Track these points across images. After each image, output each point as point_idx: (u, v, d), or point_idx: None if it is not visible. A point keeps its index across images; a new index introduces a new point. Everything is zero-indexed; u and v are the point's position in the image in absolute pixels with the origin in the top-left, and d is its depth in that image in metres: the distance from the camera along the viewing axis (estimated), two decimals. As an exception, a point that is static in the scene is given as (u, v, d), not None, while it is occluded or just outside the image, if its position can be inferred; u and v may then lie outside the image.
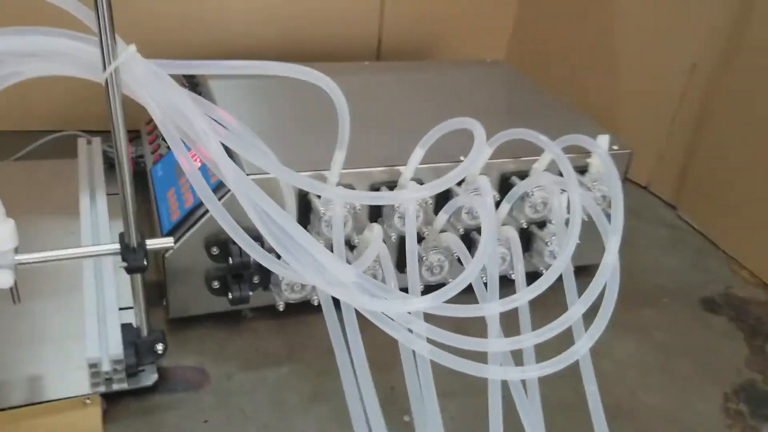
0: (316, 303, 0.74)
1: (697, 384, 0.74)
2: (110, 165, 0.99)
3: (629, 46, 1.18)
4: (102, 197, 0.87)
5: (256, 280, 0.73)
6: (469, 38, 1.37)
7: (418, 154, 0.71)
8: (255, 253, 0.58)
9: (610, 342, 0.67)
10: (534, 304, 0.63)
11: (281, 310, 0.73)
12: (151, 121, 0.96)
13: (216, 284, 0.72)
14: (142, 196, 0.96)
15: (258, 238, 0.58)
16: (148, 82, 0.54)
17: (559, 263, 0.63)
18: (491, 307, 0.61)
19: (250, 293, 0.72)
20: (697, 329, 0.84)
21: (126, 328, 0.66)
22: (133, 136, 1.08)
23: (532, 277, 0.66)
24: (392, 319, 0.58)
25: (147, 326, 0.65)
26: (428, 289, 0.62)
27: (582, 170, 0.82)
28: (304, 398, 0.67)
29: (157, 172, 0.83)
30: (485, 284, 0.64)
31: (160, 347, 0.66)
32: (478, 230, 0.81)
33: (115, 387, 0.64)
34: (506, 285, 0.66)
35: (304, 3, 1.21)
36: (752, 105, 0.97)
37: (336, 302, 0.60)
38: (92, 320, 0.67)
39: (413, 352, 0.59)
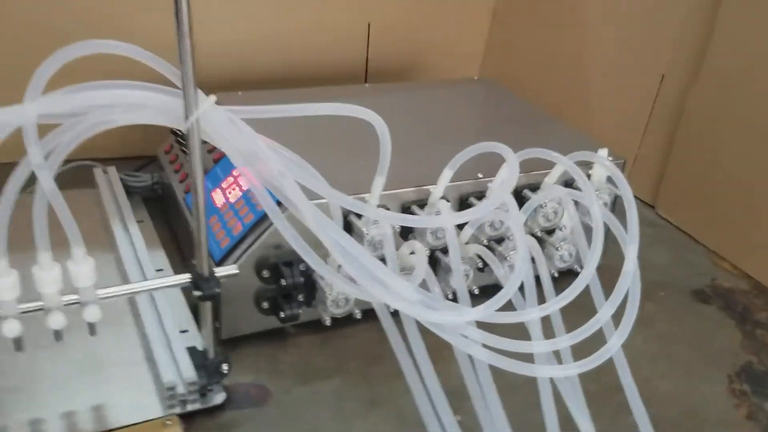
0: (359, 317, 0.79)
1: (702, 369, 0.83)
2: (127, 193, 1.03)
3: (601, 59, 1.28)
4: (134, 227, 0.91)
5: (301, 297, 0.78)
6: (446, 57, 1.45)
7: (446, 174, 0.78)
8: (322, 269, 0.63)
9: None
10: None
11: (328, 324, 0.78)
12: (171, 148, 1.00)
13: (266, 305, 0.77)
14: (161, 222, 1.00)
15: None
16: (224, 129, 0.59)
17: (587, 272, 0.70)
18: (532, 313, 0.68)
19: (300, 311, 0.77)
20: (693, 319, 0.93)
21: (192, 351, 0.71)
22: (146, 162, 1.12)
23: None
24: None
25: (213, 348, 0.70)
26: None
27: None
28: (361, 405, 0.73)
29: (193, 200, 0.87)
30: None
31: (225, 367, 0.70)
32: (496, 240, 0.88)
33: (189, 407, 0.68)
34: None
35: (296, 30, 1.26)
36: (721, 110, 1.07)
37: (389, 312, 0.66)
38: (159, 345, 0.71)
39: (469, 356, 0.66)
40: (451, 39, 1.44)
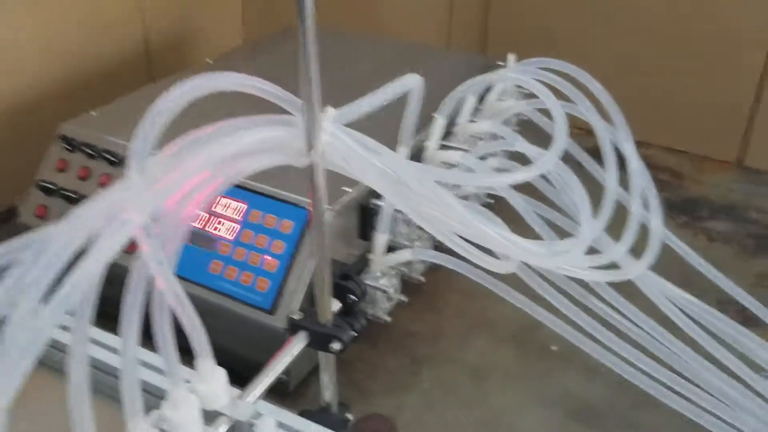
0: (405, 300, 0.73)
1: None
2: None
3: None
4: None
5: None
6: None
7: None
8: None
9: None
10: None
11: (389, 320, 0.71)
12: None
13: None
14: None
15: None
16: (354, 154, 0.46)
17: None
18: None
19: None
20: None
21: (309, 415, 0.59)
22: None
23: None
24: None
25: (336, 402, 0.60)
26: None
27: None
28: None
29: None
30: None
31: (350, 416, 0.61)
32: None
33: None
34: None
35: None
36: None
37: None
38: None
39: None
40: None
